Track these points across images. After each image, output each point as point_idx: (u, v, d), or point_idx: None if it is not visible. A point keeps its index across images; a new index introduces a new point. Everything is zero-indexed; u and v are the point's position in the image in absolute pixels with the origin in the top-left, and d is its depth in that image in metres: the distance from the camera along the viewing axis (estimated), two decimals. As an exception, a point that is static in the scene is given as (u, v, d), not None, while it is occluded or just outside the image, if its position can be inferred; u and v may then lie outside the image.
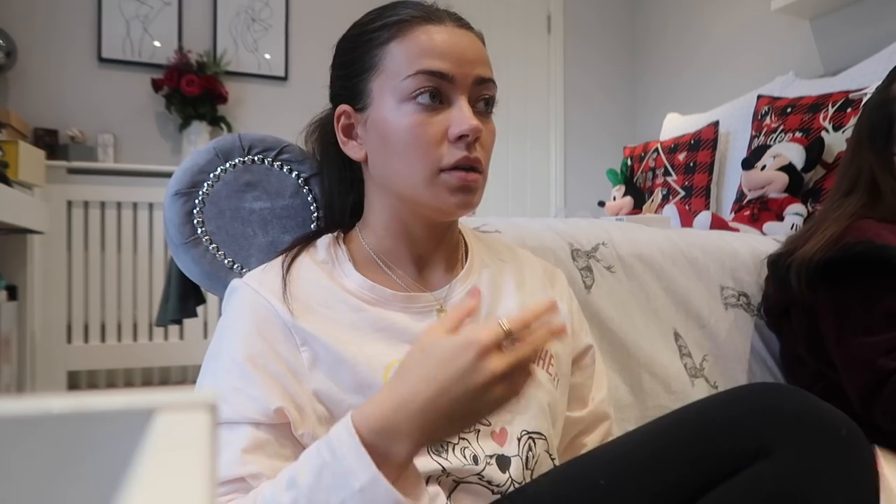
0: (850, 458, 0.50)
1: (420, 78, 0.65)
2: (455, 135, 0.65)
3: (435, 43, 0.66)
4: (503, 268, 0.79)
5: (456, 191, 0.66)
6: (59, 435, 0.19)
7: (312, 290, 0.68)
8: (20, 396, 0.25)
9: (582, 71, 3.61)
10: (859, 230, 0.96)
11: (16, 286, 2.15)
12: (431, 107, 0.66)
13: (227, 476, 0.57)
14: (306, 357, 0.64)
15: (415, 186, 0.67)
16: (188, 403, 0.20)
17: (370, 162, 0.71)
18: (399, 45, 0.67)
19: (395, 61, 0.66)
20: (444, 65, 0.65)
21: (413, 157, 0.66)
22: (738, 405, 0.54)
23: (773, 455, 0.50)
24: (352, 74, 0.71)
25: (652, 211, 2.26)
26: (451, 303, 0.72)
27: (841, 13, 2.39)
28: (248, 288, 0.67)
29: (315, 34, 3.09)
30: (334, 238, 0.74)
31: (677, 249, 1.16)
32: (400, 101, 0.66)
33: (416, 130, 0.65)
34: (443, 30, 0.67)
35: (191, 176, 0.83)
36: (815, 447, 0.50)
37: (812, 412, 0.52)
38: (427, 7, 0.70)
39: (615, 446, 0.58)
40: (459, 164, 0.66)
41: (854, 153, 1.08)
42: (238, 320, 0.65)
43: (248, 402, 0.60)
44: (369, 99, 0.69)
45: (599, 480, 0.55)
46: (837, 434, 0.51)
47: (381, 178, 0.71)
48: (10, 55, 2.59)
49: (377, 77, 0.68)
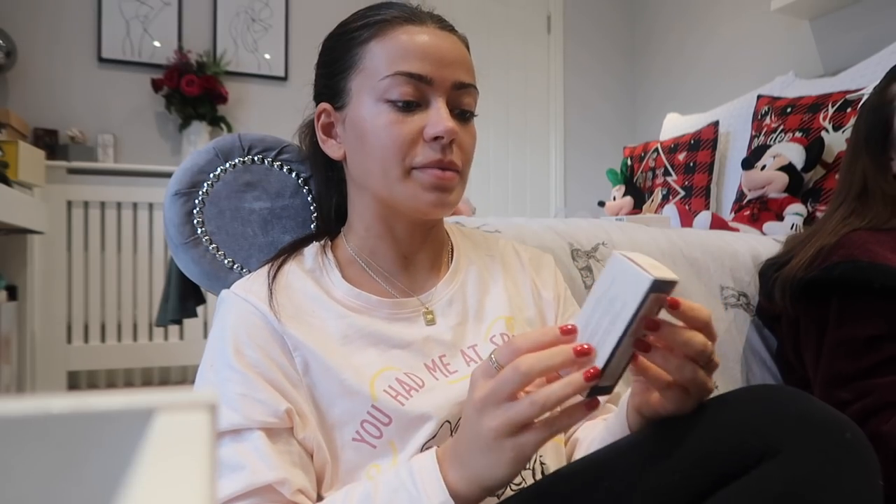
0: (856, 460, 0.50)
1: (398, 79, 0.65)
2: (430, 135, 0.65)
3: (415, 44, 0.66)
4: (490, 264, 0.78)
5: (430, 189, 0.66)
6: (60, 435, 0.19)
7: (300, 298, 0.67)
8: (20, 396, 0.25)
9: (582, 71, 3.61)
10: (847, 246, 0.93)
11: (16, 286, 2.15)
12: (408, 107, 0.65)
13: (255, 484, 0.57)
14: (299, 362, 0.64)
15: (389, 186, 0.67)
16: (188, 403, 0.20)
17: (349, 161, 0.71)
18: (379, 44, 0.66)
19: (374, 61, 0.66)
20: (423, 67, 0.65)
21: (387, 155, 0.65)
22: (744, 406, 0.54)
23: (779, 456, 0.50)
24: (333, 73, 0.71)
25: (652, 211, 2.26)
26: (437, 305, 0.72)
27: (841, 13, 2.39)
28: (237, 298, 0.67)
29: (315, 34, 3.06)
30: (321, 246, 0.74)
31: (677, 249, 1.16)
32: (377, 101, 0.66)
33: (391, 129, 0.65)
34: (424, 31, 0.67)
35: (191, 176, 0.83)
36: (821, 449, 0.50)
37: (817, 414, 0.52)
38: (410, 8, 0.69)
39: (620, 446, 0.58)
40: (432, 165, 0.65)
41: (851, 158, 1.06)
42: (230, 330, 0.65)
43: (257, 406, 0.60)
44: (348, 97, 0.69)
45: (605, 480, 0.55)
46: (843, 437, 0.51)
47: (358, 177, 0.71)
48: (10, 55, 2.59)
49: (356, 76, 0.68)
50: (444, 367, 0.68)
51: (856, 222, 0.98)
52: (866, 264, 0.89)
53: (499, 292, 0.75)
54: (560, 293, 0.81)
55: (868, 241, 0.93)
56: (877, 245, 0.92)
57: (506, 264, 0.79)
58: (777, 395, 0.54)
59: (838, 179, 1.10)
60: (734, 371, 1.14)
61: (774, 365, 1.17)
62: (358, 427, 0.62)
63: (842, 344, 0.90)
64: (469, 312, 0.73)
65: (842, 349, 0.90)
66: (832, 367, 0.91)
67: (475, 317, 0.73)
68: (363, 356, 0.65)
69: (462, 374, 0.67)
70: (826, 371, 0.92)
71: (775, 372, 1.17)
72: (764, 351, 1.18)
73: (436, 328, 0.70)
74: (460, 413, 0.64)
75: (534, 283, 0.80)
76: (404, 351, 0.67)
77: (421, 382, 0.65)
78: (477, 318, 0.73)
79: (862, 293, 0.89)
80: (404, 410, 0.63)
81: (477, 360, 0.69)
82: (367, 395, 0.63)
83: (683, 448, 0.54)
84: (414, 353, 0.67)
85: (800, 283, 0.95)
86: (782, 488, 0.49)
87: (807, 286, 0.95)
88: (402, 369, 0.65)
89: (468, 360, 0.69)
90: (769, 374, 1.16)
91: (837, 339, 0.91)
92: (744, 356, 1.16)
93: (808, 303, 0.96)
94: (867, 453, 0.51)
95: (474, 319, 0.73)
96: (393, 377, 0.65)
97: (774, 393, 0.55)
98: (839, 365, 0.90)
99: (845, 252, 0.92)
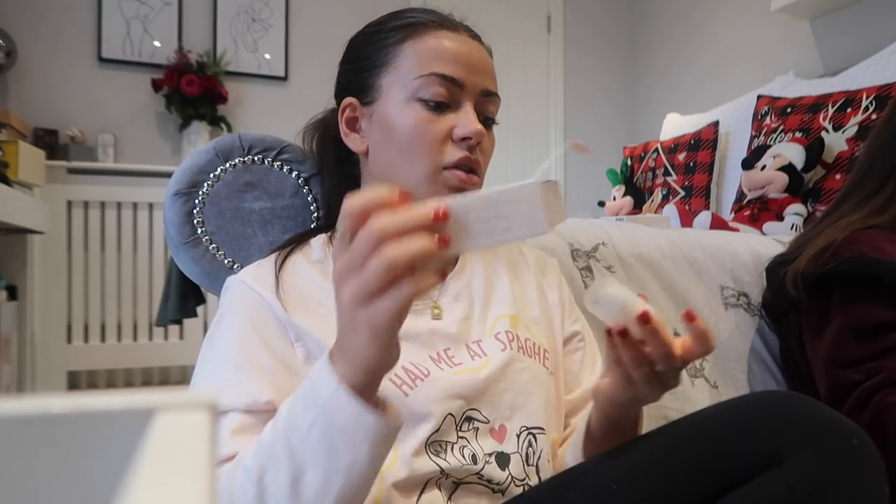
0: (862, 468, 0.50)
1: (432, 79, 0.67)
2: (459, 136, 0.67)
3: (448, 49, 0.68)
4: (496, 262, 0.79)
5: (454, 190, 0.68)
6: (60, 435, 0.19)
7: (306, 287, 0.68)
8: (20, 396, 0.25)
9: (582, 71, 3.61)
10: (858, 242, 0.93)
11: (16, 286, 2.14)
12: (438, 107, 0.68)
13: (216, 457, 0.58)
14: (300, 352, 0.64)
15: (415, 182, 0.68)
16: (188, 403, 0.20)
17: (371, 156, 0.72)
18: (413, 45, 0.69)
19: (407, 61, 0.68)
20: (456, 70, 0.68)
21: (416, 153, 0.67)
22: (752, 411, 0.54)
23: (786, 462, 0.50)
24: (362, 69, 0.72)
25: (652, 211, 2.26)
26: (444, 300, 0.72)
27: (841, 13, 2.39)
28: (243, 284, 0.68)
29: (315, 34, 3.09)
30: (328, 237, 0.75)
31: (677, 249, 1.16)
32: (408, 99, 0.68)
33: (421, 127, 0.67)
34: (457, 38, 0.70)
35: (191, 176, 0.83)
36: (828, 456, 0.50)
37: (825, 421, 0.52)
38: (443, 15, 0.72)
39: (627, 450, 0.58)
40: (461, 164, 0.67)
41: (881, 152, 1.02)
42: (233, 316, 0.66)
43: (239, 396, 0.60)
44: (377, 93, 0.70)
45: (611, 484, 0.55)
46: (850, 443, 0.51)
47: (381, 172, 0.72)
48: (10, 55, 2.59)
49: (388, 74, 0.69)
50: (449, 358, 0.68)
51: (872, 220, 0.97)
52: (876, 260, 0.90)
53: (504, 290, 0.76)
54: (564, 297, 0.82)
55: (879, 238, 0.94)
56: (888, 243, 0.93)
57: (511, 264, 0.80)
58: (784, 401, 0.54)
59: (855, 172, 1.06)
60: (735, 371, 1.14)
61: (775, 365, 1.17)
62: None
63: (849, 328, 0.91)
64: (474, 308, 0.73)
65: (849, 333, 0.91)
66: (839, 350, 0.92)
67: (480, 313, 0.73)
68: None
69: (467, 367, 0.68)
70: (834, 354, 0.93)
71: (775, 372, 1.17)
72: (764, 351, 1.18)
73: (441, 322, 0.71)
74: (465, 405, 0.65)
75: (539, 284, 0.80)
76: (409, 343, 0.67)
77: (426, 372, 0.65)
78: (482, 314, 0.73)
79: (871, 287, 0.90)
80: (407, 402, 0.63)
81: (481, 354, 0.70)
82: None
83: (690, 453, 0.54)
84: (419, 344, 0.68)
85: (811, 276, 0.96)
86: (788, 494, 0.49)
87: (818, 280, 0.95)
88: (408, 358, 0.66)
89: (472, 355, 0.70)
90: (769, 374, 1.16)
91: (845, 323, 0.92)
92: (744, 356, 1.16)
93: (816, 296, 0.97)
94: (874, 460, 0.51)
95: (479, 315, 0.73)
96: (399, 366, 0.64)
97: (781, 399, 0.55)
98: (847, 348, 0.91)
99: (856, 248, 0.93)
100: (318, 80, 0.76)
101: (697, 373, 1.09)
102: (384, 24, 0.72)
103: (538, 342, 0.74)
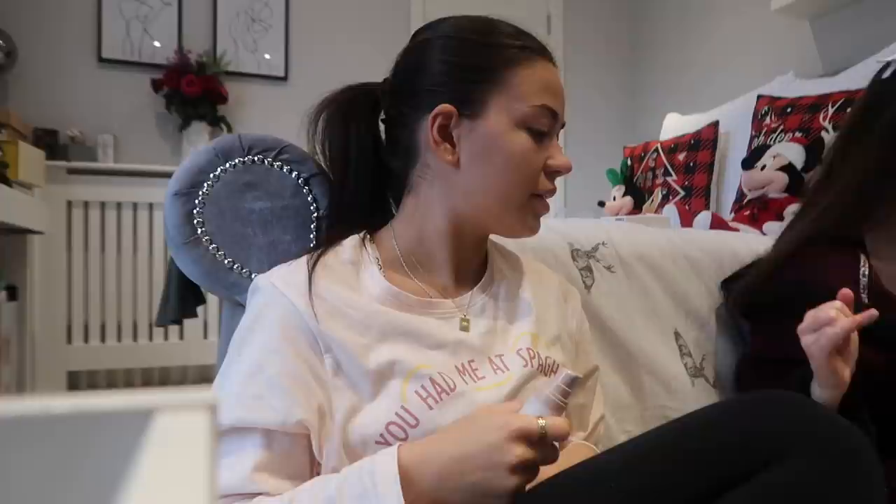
0: (860, 468, 0.51)
1: (543, 111, 0.70)
2: (554, 168, 0.72)
3: (553, 82, 0.72)
4: (520, 280, 0.80)
5: (538, 217, 0.74)
6: (59, 435, 0.19)
7: (338, 290, 0.67)
8: (20, 396, 0.25)
9: (582, 71, 3.61)
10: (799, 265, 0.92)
11: (16, 286, 2.14)
12: (540, 138, 0.71)
13: (234, 489, 0.58)
14: (329, 363, 0.64)
15: (507, 204, 0.71)
16: (188, 404, 0.20)
17: (463, 170, 0.71)
18: (527, 71, 0.70)
19: (521, 86, 0.69)
20: (557, 104, 0.72)
21: (516, 179, 0.70)
22: (752, 411, 0.54)
23: (785, 462, 0.50)
24: (468, 79, 0.70)
25: (652, 211, 2.26)
26: (472, 312, 0.73)
27: (841, 13, 2.39)
28: (275, 290, 0.66)
29: (315, 34, 3.08)
30: (361, 238, 0.74)
31: (677, 249, 1.16)
32: (517, 124, 0.69)
33: (527, 156, 0.70)
34: (555, 71, 0.73)
35: (191, 176, 0.83)
36: (826, 456, 0.50)
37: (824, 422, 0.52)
38: (544, 45, 0.74)
39: (626, 449, 0.59)
40: (548, 194, 0.73)
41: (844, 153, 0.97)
42: (263, 323, 0.65)
43: (268, 412, 0.60)
44: (482, 109, 0.70)
45: (610, 483, 0.55)
46: (849, 445, 0.51)
47: (467, 186, 0.71)
48: (10, 55, 2.59)
49: (498, 93, 0.69)
50: (473, 371, 0.69)
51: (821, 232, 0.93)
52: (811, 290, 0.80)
53: (527, 308, 0.77)
54: (583, 328, 0.85)
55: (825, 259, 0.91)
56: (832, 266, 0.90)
57: (535, 283, 0.80)
58: (784, 401, 0.55)
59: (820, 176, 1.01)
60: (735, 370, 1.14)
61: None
62: (383, 430, 0.62)
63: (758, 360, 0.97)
64: (498, 323, 0.74)
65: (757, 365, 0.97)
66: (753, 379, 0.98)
67: (503, 328, 0.74)
68: (397, 353, 0.66)
69: (489, 382, 0.68)
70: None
71: (775, 372, 1.17)
72: (764, 351, 1.18)
73: (468, 335, 0.71)
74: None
75: (561, 306, 0.81)
76: (439, 351, 0.68)
77: (452, 385, 0.66)
78: (505, 330, 0.74)
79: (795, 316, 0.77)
80: (431, 416, 0.63)
81: (503, 368, 0.70)
82: (398, 395, 0.63)
83: (690, 451, 0.54)
84: (448, 354, 0.68)
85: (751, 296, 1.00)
86: (787, 493, 0.49)
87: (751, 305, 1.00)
88: (437, 368, 0.66)
89: (495, 368, 0.70)
90: (769, 374, 1.16)
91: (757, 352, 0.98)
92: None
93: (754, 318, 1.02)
94: (872, 461, 0.52)
95: (502, 330, 0.74)
96: (427, 376, 0.65)
97: (781, 398, 0.55)
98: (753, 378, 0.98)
99: (796, 272, 0.93)
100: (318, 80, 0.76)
101: (698, 373, 1.09)
102: (495, 38, 0.71)
103: (556, 360, 0.75)
